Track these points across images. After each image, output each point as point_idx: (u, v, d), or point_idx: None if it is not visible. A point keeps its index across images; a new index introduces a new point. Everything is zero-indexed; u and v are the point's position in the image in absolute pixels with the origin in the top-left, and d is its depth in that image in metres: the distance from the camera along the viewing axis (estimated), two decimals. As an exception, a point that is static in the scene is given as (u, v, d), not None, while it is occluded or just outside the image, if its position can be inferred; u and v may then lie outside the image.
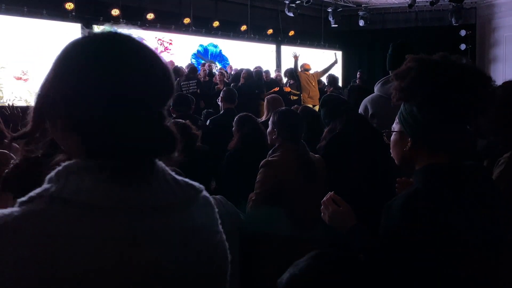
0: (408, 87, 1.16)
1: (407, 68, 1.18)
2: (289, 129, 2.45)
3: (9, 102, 7.94)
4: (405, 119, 1.21)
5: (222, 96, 4.30)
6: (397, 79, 1.20)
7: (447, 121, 1.15)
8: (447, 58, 1.18)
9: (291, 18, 11.81)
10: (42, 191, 0.68)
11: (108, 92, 0.71)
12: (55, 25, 8.90)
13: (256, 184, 2.38)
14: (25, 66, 8.58)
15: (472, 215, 1.13)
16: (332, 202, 1.43)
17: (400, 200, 1.15)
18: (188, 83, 8.10)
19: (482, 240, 1.11)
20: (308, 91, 8.55)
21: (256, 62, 10.83)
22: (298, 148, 2.42)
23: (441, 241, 1.09)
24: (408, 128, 1.20)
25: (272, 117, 2.54)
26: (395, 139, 1.27)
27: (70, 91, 0.73)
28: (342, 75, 13.18)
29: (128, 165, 0.71)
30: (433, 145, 1.19)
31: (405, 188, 1.55)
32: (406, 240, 1.10)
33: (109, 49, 0.77)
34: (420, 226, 1.09)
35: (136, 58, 0.78)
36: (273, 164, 2.36)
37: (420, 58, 1.19)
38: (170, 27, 10.49)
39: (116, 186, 0.69)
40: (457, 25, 12.20)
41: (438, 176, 1.16)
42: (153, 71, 0.77)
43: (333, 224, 1.42)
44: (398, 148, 1.26)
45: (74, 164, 0.71)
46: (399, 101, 1.23)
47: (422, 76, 1.15)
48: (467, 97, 1.12)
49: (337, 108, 2.70)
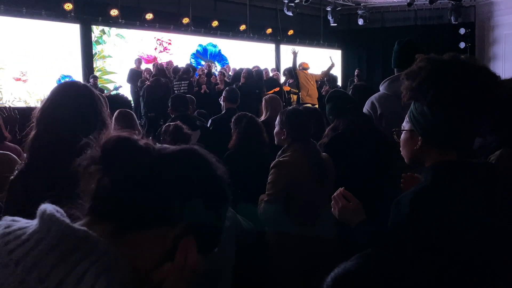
0: (419, 86, 1.19)
1: (418, 68, 1.21)
2: (299, 128, 2.43)
3: (8, 103, 7.96)
4: (415, 118, 1.23)
5: (225, 95, 4.28)
6: (408, 78, 1.22)
7: (457, 120, 1.16)
8: (457, 58, 1.20)
9: (290, 17, 11.81)
10: None
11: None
12: (54, 25, 8.91)
13: (268, 185, 2.37)
14: (24, 67, 8.58)
15: (481, 212, 1.14)
16: (342, 198, 1.48)
17: (409, 196, 1.17)
18: (180, 83, 8.09)
19: (489, 237, 1.12)
20: (307, 90, 8.55)
21: (255, 61, 10.83)
22: (308, 147, 2.42)
23: (449, 237, 1.10)
24: (418, 127, 1.23)
25: (280, 117, 2.52)
26: (405, 137, 1.30)
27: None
28: (341, 74, 13.19)
29: None
30: (443, 144, 1.21)
31: (410, 184, 1.57)
32: (414, 235, 1.12)
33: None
34: (428, 222, 1.11)
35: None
36: (285, 165, 2.35)
37: (431, 58, 1.21)
38: (169, 27, 10.49)
39: None
40: (456, 23, 12.20)
41: (448, 173, 1.18)
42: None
43: (342, 219, 1.46)
44: (408, 146, 1.28)
45: None
46: (410, 101, 1.25)
47: (433, 76, 1.17)
48: (477, 96, 1.14)
49: (342, 106, 2.67)
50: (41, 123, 1.45)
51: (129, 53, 9.95)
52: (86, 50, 9.43)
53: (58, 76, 8.99)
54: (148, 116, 7.99)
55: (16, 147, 2.72)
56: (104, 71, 9.85)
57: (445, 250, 1.10)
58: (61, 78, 8.95)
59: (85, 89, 1.54)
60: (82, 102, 1.49)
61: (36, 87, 8.68)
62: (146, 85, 8.17)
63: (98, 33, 9.75)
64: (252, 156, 2.87)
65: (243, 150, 2.95)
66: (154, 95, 7.95)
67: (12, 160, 2.35)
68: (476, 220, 1.13)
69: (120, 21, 9.68)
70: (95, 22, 9.55)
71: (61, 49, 8.98)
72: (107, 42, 9.91)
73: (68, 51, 9.12)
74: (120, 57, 9.95)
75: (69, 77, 9.04)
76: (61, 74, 9.04)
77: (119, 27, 9.92)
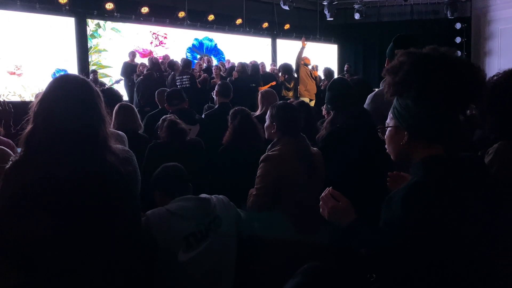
0: (402, 81, 1.18)
1: (399, 63, 1.20)
2: (288, 122, 2.43)
3: (3, 97, 7.90)
4: (400, 113, 1.23)
5: (217, 90, 4.24)
6: (390, 74, 1.22)
7: (441, 112, 1.16)
8: (438, 51, 1.19)
9: (287, 12, 11.77)
10: None
11: None
12: (49, 19, 8.83)
13: (257, 179, 2.37)
14: (19, 61, 8.52)
15: (471, 206, 1.14)
16: (331, 198, 1.42)
17: (400, 192, 1.16)
18: (181, 78, 8.06)
19: (481, 230, 1.13)
20: (306, 84, 8.53)
21: (251, 55, 10.80)
22: (297, 141, 2.41)
23: (442, 233, 1.10)
24: (403, 122, 1.22)
25: (270, 111, 2.51)
26: (390, 134, 1.29)
27: None
28: (337, 68, 13.17)
29: None
30: (429, 137, 1.21)
31: (397, 182, 1.56)
32: (407, 232, 1.11)
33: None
34: (421, 218, 1.10)
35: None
36: (273, 159, 2.35)
37: (411, 52, 1.21)
38: (165, 20, 10.43)
39: None
40: (453, 18, 12.21)
41: (437, 167, 1.18)
42: None
43: (332, 220, 1.40)
44: (394, 143, 1.27)
45: None
46: (393, 96, 1.25)
47: (415, 69, 1.16)
48: (459, 87, 1.14)
49: (343, 98, 2.60)
50: (39, 117, 1.43)
51: (124, 47, 9.88)
52: (81, 44, 9.36)
53: (53, 70, 8.93)
54: (144, 111, 7.96)
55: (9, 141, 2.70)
56: (100, 65, 9.80)
57: (440, 245, 1.10)
58: (56, 72, 8.89)
59: (84, 83, 1.53)
60: (81, 97, 1.48)
61: (31, 81, 8.62)
62: (141, 79, 8.13)
63: (93, 26, 9.68)
64: (246, 151, 2.87)
65: (237, 145, 2.95)
66: (149, 89, 7.92)
67: (5, 154, 2.34)
68: (470, 214, 1.13)
69: (115, 14, 9.61)
70: (90, 15, 9.47)
71: (56, 43, 8.91)
72: (103, 36, 9.84)
73: (63, 45, 9.05)
74: (116, 51, 9.88)
75: (64, 71, 8.98)
76: (56, 68, 8.98)
77: (114, 20, 9.85)
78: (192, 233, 1.97)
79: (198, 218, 2.02)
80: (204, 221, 2.04)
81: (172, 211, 1.98)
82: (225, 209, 2.19)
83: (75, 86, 1.50)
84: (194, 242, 1.97)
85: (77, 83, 1.52)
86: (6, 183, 1.39)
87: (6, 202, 1.37)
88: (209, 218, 2.06)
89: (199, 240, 1.99)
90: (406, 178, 1.51)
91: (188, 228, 1.97)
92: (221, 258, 2.08)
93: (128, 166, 1.58)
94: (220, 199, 2.22)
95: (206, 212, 2.07)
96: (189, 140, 3.19)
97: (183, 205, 2.03)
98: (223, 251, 2.09)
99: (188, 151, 3.04)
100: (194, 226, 1.99)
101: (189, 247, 1.95)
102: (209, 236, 2.02)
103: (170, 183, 2.14)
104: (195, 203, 2.06)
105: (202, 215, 2.05)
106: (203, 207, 2.08)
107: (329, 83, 2.76)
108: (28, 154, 1.42)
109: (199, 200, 2.10)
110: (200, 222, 2.02)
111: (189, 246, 1.95)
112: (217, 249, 2.04)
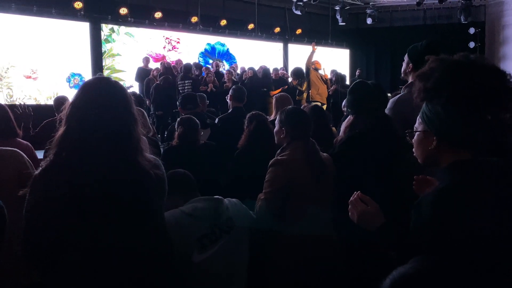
0: (433, 87, 1.20)
1: (429, 69, 1.23)
2: (298, 127, 2.43)
3: (20, 101, 8.03)
4: (429, 118, 1.25)
5: (231, 94, 4.27)
6: (421, 80, 1.24)
7: (471, 118, 1.18)
8: (468, 58, 1.22)
9: (299, 17, 11.80)
10: None
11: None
12: (64, 24, 8.99)
13: (265, 184, 2.37)
14: (35, 65, 8.67)
15: (500, 210, 1.14)
16: (360, 202, 1.45)
17: (430, 197, 1.18)
18: (183, 82, 8.11)
19: (509, 236, 1.13)
20: (317, 88, 8.52)
21: (263, 60, 10.84)
22: (307, 146, 2.42)
23: (473, 238, 1.10)
24: (433, 127, 1.24)
25: (279, 116, 2.51)
26: (419, 138, 1.30)
27: None
28: (349, 73, 13.16)
29: None
30: (458, 143, 1.22)
31: (423, 186, 1.57)
32: (438, 236, 1.12)
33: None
34: (452, 222, 1.11)
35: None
36: (283, 163, 2.35)
37: (442, 58, 1.23)
38: (178, 25, 10.53)
39: None
40: (466, 22, 12.11)
41: (467, 173, 1.19)
42: None
43: (362, 224, 1.44)
44: (423, 147, 1.29)
45: None
46: (423, 101, 1.27)
47: (446, 76, 1.19)
48: (489, 93, 1.15)
49: (364, 102, 2.56)
50: (73, 119, 1.41)
51: (138, 52, 10.01)
52: (96, 49, 9.51)
53: (68, 74, 9.07)
54: (156, 115, 8.04)
55: (28, 144, 2.74)
56: (113, 69, 9.92)
57: (470, 250, 1.10)
58: (71, 76, 9.03)
59: (116, 85, 1.52)
60: (114, 98, 1.47)
61: (46, 85, 8.76)
62: (155, 84, 8.21)
63: (107, 31, 9.82)
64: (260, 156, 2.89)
65: (252, 150, 2.97)
66: (162, 93, 7.99)
67: (19, 156, 2.34)
68: (497, 219, 1.13)
69: (129, 19, 9.74)
70: (104, 20, 9.62)
71: (71, 47, 9.06)
72: (116, 40, 9.98)
73: (78, 49, 9.20)
74: (129, 55, 10.02)
75: (78, 75, 9.12)
76: (71, 72, 9.12)
77: (128, 25, 9.98)
78: (205, 234, 2.00)
79: (212, 219, 2.05)
80: (217, 222, 2.06)
81: (187, 212, 2.01)
82: (238, 211, 2.21)
83: (107, 88, 1.49)
84: (208, 243, 1.99)
85: (109, 85, 1.51)
86: (35, 188, 1.37)
87: (36, 207, 1.35)
88: (222, 219, 2.08)
89: (213, 241, 2.01)
90: (432, 182, 1.52)
91: (202, 229, 2.00)
92: (234, 259, 2.10)
93: (158, 170, 1.55)
94: (232, 202, 2.24)
95: (219, 213, 2.09)
96: (204, 143, 3.23)
97: (196, 206, 2.05)
98: (236, 252, 2.11)
99: (203, 155, 3.07)
100: (207, 227, 2.01)
101: (203, 248, 1.97)
102: (222, 238, 2.04)
103: (181, 188, 2.15)
104: (208, 204, 2.08)
105: (215, 216, 2.07)
106: (216, 208, 2.10)
107: (350, 87, 2.73)
108: (59, 160, 1.39)
109: (212, 201, 2.12)
110: (213, 223, 2.04)
111: (203, 247, 1.98)
112: (230, 250, 2.06)
